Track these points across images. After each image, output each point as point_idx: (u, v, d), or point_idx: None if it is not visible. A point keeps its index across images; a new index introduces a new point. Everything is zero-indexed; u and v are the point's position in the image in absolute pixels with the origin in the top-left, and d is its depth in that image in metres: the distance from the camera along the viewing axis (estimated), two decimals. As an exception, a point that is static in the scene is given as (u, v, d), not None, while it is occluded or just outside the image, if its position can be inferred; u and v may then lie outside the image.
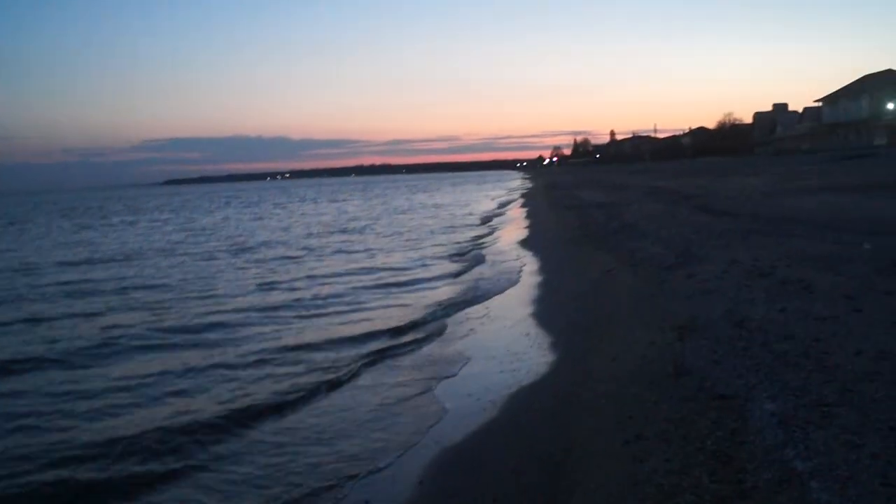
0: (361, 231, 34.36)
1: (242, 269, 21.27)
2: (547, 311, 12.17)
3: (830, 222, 17.18)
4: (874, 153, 51.61)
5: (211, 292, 16.78)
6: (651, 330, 8.59)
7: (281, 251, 26.04)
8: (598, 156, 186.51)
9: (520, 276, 16.47)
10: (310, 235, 32.50)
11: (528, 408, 7.48)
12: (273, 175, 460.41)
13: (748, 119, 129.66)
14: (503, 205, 51.09)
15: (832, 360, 6.48)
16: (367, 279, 18.12)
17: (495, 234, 28.31)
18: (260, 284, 17.65)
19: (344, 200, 77.76)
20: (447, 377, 9.22)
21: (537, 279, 15.69)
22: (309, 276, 18.75)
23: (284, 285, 17.50)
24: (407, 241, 27.99)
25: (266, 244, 28.95)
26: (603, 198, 36.41)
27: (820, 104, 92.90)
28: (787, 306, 8.75)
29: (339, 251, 25.26)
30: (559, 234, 22.60)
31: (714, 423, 5.41)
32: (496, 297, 14.44)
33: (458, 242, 25.83)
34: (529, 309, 12.58)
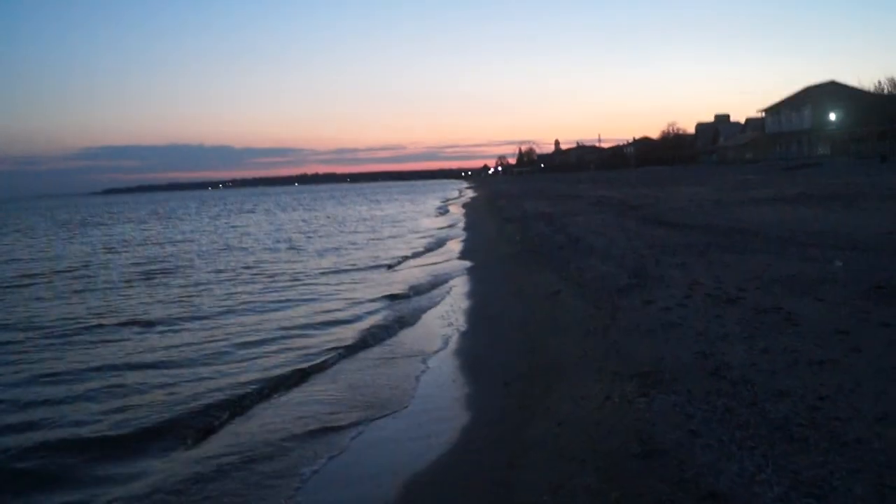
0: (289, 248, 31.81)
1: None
2: (479, 346, 10.28)
3: (791, 235, 15.83)
4: (818, 163, 51.37)
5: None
6: (606, 378, 6.86)
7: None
8: (542, 165, 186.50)
9: (448, 299, 14.39)
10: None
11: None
12: (215, 184, 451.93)
13: (691, 129, 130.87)
14: (442, 214, 49.34)
15: (851, 433, 4.83)
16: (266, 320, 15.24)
17: (428, 247, 26.18)
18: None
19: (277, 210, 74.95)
20: (335, 451, 6.72)
21: (470, 303, 13.73)
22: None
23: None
24: (332, 255, 25.94)
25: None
26: (548, 208, 34.89)
27: (763, 115, 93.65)
28: (771, 345, 7.13)
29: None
30: (499, 249, 20.76)
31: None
32: (410, 329, 12.04)
33: (388, 257, 23.54)
34: (457, 344, 10.63)
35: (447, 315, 12.76)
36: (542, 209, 34.31)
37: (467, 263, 19.30)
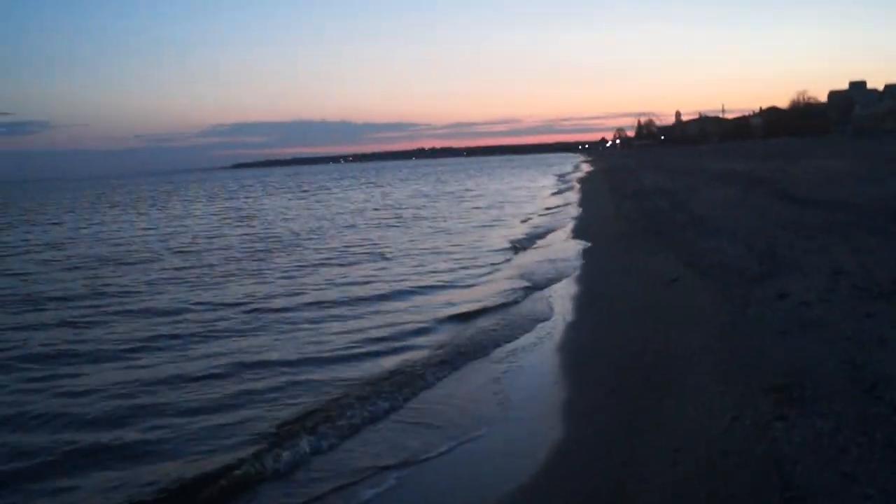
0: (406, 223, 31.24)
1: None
2: (587, 339, 9.31)
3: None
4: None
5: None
6: (733, 389, 5.83)
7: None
8: (662, 138, 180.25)
9: (560, 286, 13.39)
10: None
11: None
12: (336, 159, 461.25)
13: (823, 98, 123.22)
14: (559, 191, 47.89)
15: None
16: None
17: (541, 223, 25.17)
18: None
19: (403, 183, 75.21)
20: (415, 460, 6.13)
21: (580, 288, 12.74)
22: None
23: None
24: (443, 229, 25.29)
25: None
26: (668, 183, 33.13)
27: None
28: (944, 356, 5.91)
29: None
30: (617, 228, 19.48)
31: None
32: (520, 314, 11.37)
33: (503, 234, 22.73)
34: (563, 335, 9.69)
35: (558, 302, 11.86)
36: (662, 184, 32.60)
37: (583, 244, 18.18)
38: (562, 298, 12.09)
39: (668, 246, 14.16)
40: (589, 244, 17.84)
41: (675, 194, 25.79)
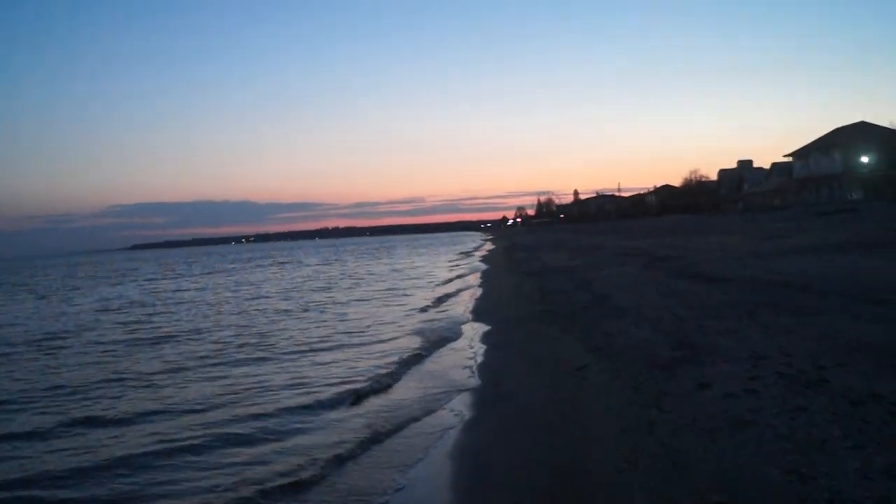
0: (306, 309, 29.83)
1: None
2: (482, 446, 8.11)
3: (847, 289, 13.66)
4: (854, 208, 48.84)
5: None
6: (661, 514, 4.75)
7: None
8: (562, 216, 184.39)
9: (452, 374, 12.29)
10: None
11: None
12: (238, 239, 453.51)
13: (713, 176, 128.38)
14: (458, 268, 47.17)
15: None
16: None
17: (438, 306, 24.10)
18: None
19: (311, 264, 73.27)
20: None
21: (479, 381, 11.51)
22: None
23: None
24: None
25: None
26: (568, 261, 32.80)
27: (790, 159, 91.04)
28: (894, 460, 5.01)
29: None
30: (517, 309, 18.47)
31: None
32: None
33: (395, 320, 21.45)
34: (455, 441, 8.50)
35: (450, 397, 10.65)
36: (563, 262, 32.23)
37: (480, 326, 17.18)
38: (458, 394, 10.88)
39: (571, 329, 13.25)
40: (488, 327, 16.84)
41: (575, 272, 25.26)
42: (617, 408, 7.67)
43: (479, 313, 20.07)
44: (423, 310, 22.77)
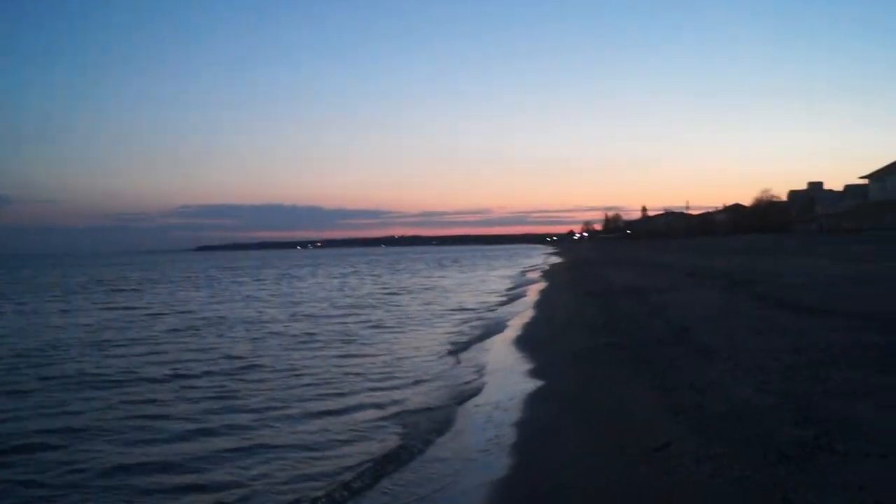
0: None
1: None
2: None
3: None
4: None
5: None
6: None
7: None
8: (629, 231, 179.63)
9: (481, 458, 8.46)
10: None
11: None
12: (304, 244, 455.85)
13: (783, 197, 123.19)
14: (516, 286, 44.12)
15: None
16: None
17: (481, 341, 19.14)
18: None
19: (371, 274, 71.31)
20: None
21: (498, 462, 7.92)
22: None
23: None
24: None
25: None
26: (637, 280, 29.69)
27: (865, 181, 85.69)
28: None
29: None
30: (574, 342, 15.11)
31: None
32: None
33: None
34: None
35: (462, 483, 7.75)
36: (631, 281, 29.11)
37: (521, 364, 14.17)
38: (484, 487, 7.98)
39: (645, 374, 10.27)
40: (532, 365, 13.62)
41: (646, 294, 22.20)
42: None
43: (525, 344, 16.68)
44: (453, 345, 18.48)
